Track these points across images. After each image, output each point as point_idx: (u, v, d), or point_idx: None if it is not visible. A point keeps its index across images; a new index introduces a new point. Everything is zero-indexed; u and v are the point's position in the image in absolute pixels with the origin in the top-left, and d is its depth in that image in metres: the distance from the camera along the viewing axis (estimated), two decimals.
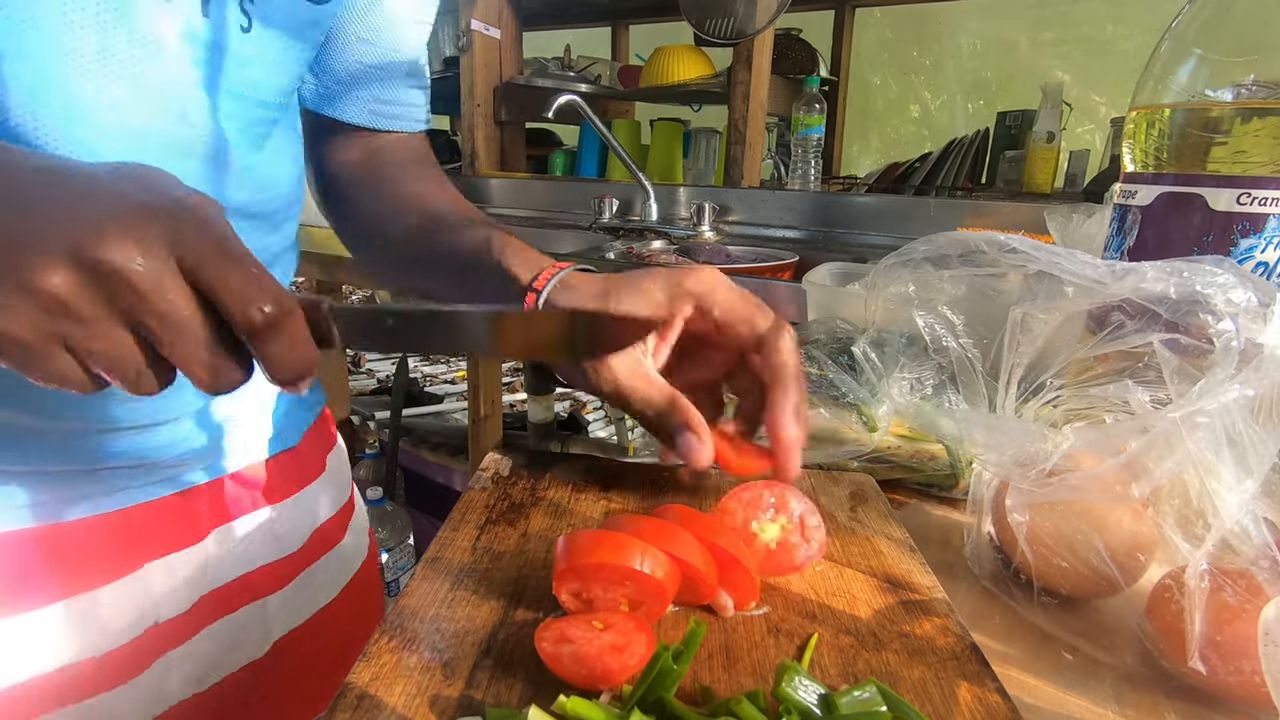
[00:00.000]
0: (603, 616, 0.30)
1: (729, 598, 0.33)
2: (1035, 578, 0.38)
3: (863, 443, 0.50)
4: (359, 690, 0.28)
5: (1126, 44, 2.31)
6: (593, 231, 1.67)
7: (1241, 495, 0.31)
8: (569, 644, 0.28)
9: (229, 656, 0.52)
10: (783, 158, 2.19)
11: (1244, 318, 0.35)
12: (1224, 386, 0.32)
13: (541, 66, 2.15)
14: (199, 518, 0.50)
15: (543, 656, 0.28)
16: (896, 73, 2.82)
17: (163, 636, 0.48)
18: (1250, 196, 0.44)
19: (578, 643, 0.28)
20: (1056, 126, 1.72)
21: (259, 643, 0.54)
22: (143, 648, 0.47)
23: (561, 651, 0.28)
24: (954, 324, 0.48)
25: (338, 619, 0.60)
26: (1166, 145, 0.47)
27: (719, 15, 1.58)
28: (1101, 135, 2.18)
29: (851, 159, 2.72)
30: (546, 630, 0.29)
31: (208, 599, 0.50)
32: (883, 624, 0.33)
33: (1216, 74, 0.45)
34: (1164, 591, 0.35)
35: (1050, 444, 0.36)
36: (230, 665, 0.52)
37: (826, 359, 0.53)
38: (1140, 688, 0.33)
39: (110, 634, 0.45)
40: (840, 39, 2.35)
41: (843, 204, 1.53)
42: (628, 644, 0.28)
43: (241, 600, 0.53)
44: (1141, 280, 0.38)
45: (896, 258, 0.52)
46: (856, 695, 0.27)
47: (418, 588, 0.34)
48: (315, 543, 0.59)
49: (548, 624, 0.29)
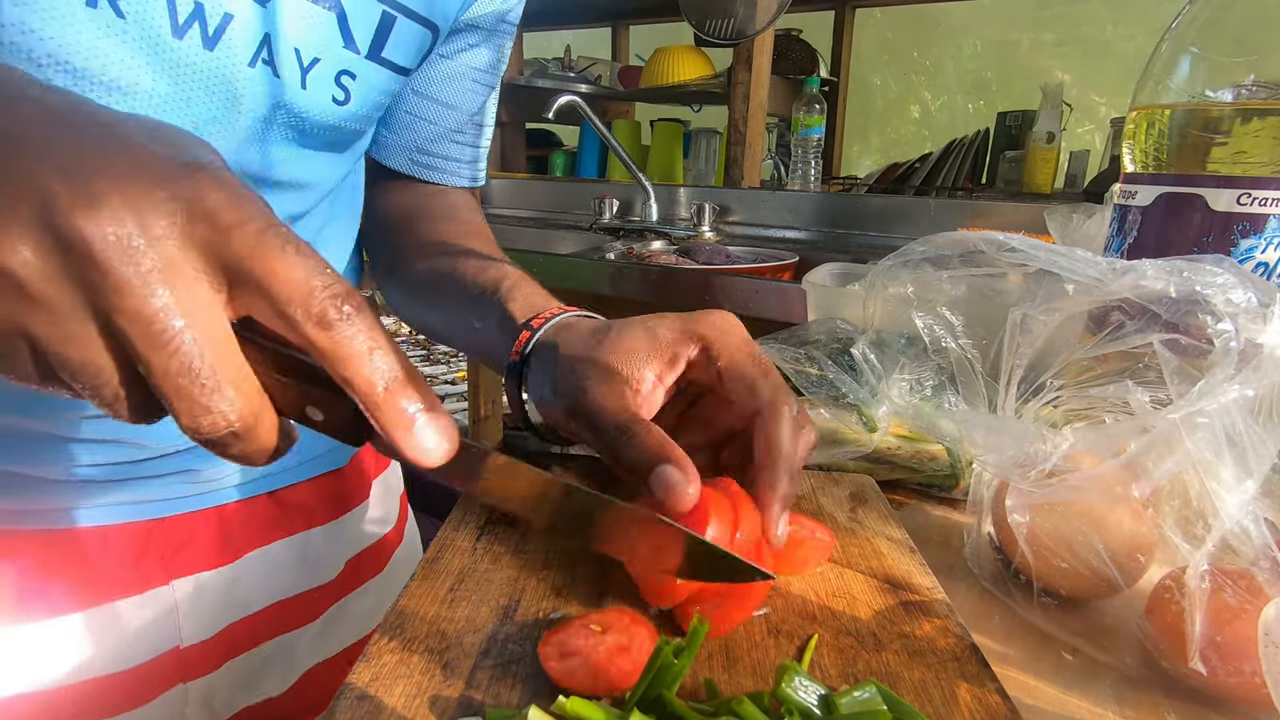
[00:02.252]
0: (597, 617, 0.30)
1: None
2: (1035, 578, 0.38)
3: (863, 443, 0.50)
4: (359, 690, 0.28)
5: (1126, 44, 2.31)
6: (593, 232, 1.67)
7: (1241, 496, 0.31)
8: (577, 656, 0.28)
9: (249, 692, 0.51)
10: (783, 158, 2.19)
11: (1244, 318, 0.35)
12: (1224, 387, 0.32)
13: (541, 67, 2.16)
14: (232, 537, 0.49)
15: (552, 675, 0.28)
16: (896, 73, 2.82)
17: (186, 663, 0.47)
18: (1250, 197, 0.44)
19: (585, 653, 0.28)
20: (1056, 127, 1.72)
21: (283, 678, 0.53)
22: (164, 670, 0.45)
23: (572, 666, 0.27)
24: (953, 325, 0.48)
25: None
26: (1166, 145, 0.47)
27: (719, 16, 1.58)
28: (1101, 135, 2.18)
29: (851, 159, 2.73)
30: (548, 646, 0.28)
31: (235, 628, 0.49)
32: (883, 625, 0.33)
33: (1216, 74, 0.45)
34: (1164, 592, 0.35)
35: (1050, 445, 0.36)
36: (250, 699, 0.51)
37: (826, 359, 0.53)
38: (1140, 688, 0.33)
39: (134, 649, 0.44)
40: (840, 39, 2.35)
41: (843, 204, 1.53)
42: (631, 641, 0.28)
43: (270, 633, 0.51)
44: (1141, 278, 0.38)
45: (895, 258, 0.52)
46: (856, 696, 0.27)
47: (418, 588, 0.34)
48: (350, 573, 0.57)
49: (546, 639, 0.29)
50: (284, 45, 0.40)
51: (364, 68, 0.44)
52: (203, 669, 0.47)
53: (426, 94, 0.55)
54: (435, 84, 0.55)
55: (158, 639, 0.45)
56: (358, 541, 0.58)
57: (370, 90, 0.45)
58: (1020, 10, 2.49)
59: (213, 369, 0.21)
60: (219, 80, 0.38)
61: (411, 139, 0.57)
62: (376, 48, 0.44)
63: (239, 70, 0.39)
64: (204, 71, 0.38)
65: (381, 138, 0.57)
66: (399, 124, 0.56)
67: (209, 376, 0.21)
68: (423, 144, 0.58)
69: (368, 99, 0.45)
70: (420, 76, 0.54)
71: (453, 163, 0.60)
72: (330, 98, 0.43)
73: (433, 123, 0.56)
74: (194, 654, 0.47)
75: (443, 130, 0.58)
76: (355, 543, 0.57)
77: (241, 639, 0.49)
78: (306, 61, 0.41)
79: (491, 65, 0.57)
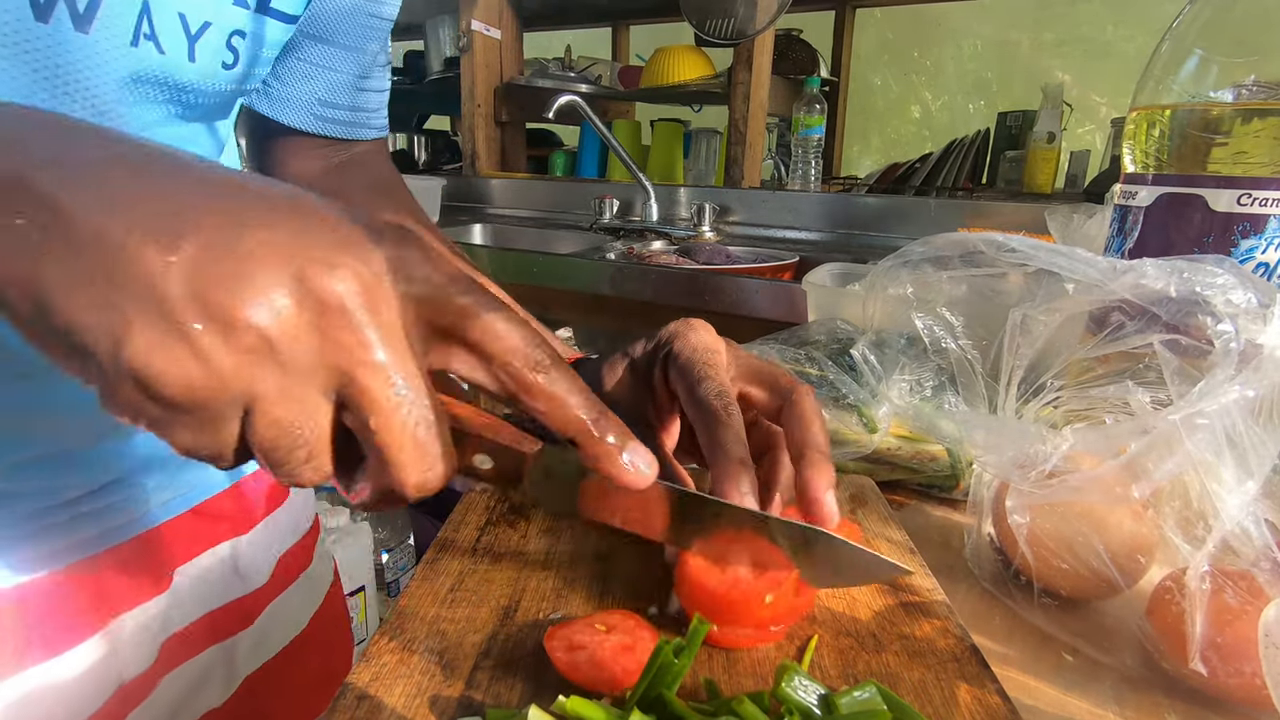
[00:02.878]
0: (601, 617, 0.30)
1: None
2: (1035, 579, 0.38)
3: (863, 444, 0.49)
4: (359, 690, 0.28)
5: (1127, 45, 2.31)
6: (593, 232, 1.67)
7: (1242, 496, 0.31)
8: (583, 650, 0.28)
9: (190, 705, 0.48)
10: (783, 158, 2.18)
11: (1244, 319, 0.35)
12: (1224, 388, 0.32)
13: (542, 67, 2.15)
14: (164, 560, 0.46)
15: (557, 665, 0.28)
16: (897, 73, 2.81)
17: (128, 695, 0.44)
18: (1250, 197, 0.44)
19: (591, 647, 0.28)
20: (1057, 127, 1.72)
21: (224, 687, 0.50)
22: (111, 711, 0.43)
23: (578, 659, 0.28)
24: (953, 325, 0.48)
25: (310, 648, 0.57)
26: (1167, 146, 0.47)
27: (719, 16, 1.58)
28: (1102, 136, 2.18)
29: (852, 159, 2.72)
30: (554, 640, 0.29)
31: (169, 643, 0.46)
32: (883, 625, 0.33)
33: (1217, 75, 0.45)
34: (1164, 593, 0.35)
35: (1050, 445, 0.36)
36: (193, 712, 0.48)
37: (826, 360, 0.53)
38: (1141, 689, 0.33)
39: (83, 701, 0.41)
40: (840, 39, 2.35)
41: (843, 204, 1.53)
42: (635, 643, 0.28)
43: (205, 643, 0.49)
44: (1141, 277, 0.38)
45: (895, 259, 0.52)
46: (856, 696, 0.27)
47: (418, 588, 0.34)
48: (281, 573, 0.55)
49: (551, 634, 0.29)
50: (166, 13, 0.35)
51: (254, 23, 0.40)
52: (142, 695, 0.45)
53: (323, 38, 0.50)
54: (329, 24, 0.49)
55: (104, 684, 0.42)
56: (284, 541, 0.56)
57: (259, 46, 0.42)
58: (1020, 10, 2.49)
59: (431, 427, 0.22)
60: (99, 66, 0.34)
61: (311, 90, 0.51)
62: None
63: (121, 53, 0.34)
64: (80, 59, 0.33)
65: (275, 92, 0.51)
66: (296, 74, 0.50)
67: (427, 434, 0.22)
68: (325, 95, 0.52)
69: (256, 56, 0.42)
70: (314, 20, 0.48)
71: (360, 113, 0.55)
72: (220, 64, 0.39)
73: (334, 69, 0.51)
74: (134, 685, 0.44)
75: (347, 78, 0.52)
76: (281, 543, 0.55)
77: (177, 653, 0.47)
78: (195, 28, 0.37)
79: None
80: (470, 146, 2.03)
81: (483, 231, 1.82)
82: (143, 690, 0.45)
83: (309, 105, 0.52)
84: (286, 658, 0.55)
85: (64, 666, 0.40)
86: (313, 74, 0.51)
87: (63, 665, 0.40)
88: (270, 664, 0.53)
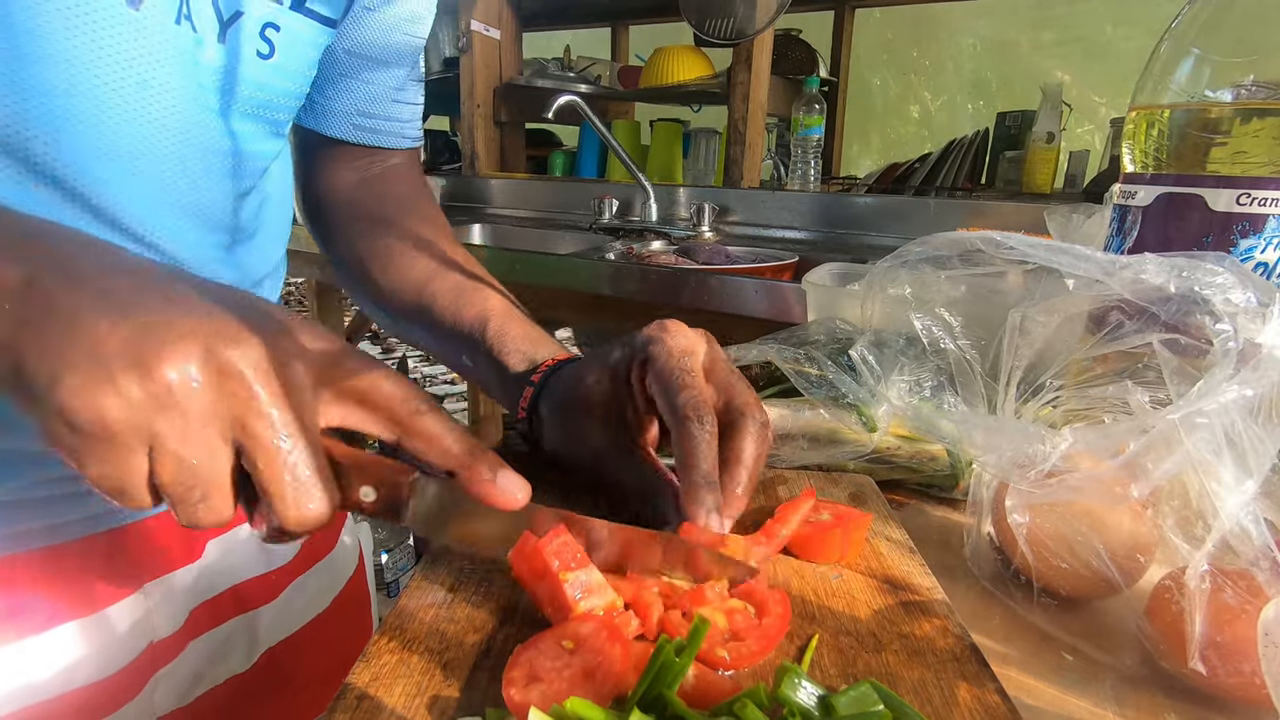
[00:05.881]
0: (574, 629, 0.29)
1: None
2: (1035, 579, 0.38)
3: (862, 443, 0.49)
4: (359, 690, 0.28)
5: (1126, 45, 2.31)
6: (593, 232, 1.67)
7: (1241, 496, 0.31)
8: (538, 684, 0.26)
9: (214, 669, 0.51)
10: (782, 158, 2.19)
11: (1243, 318, 0.35)
12: (1223, 387, 0.32)
13: (541, 67, 2.16)
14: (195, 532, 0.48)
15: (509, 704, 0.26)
16: (896, 73, 2.82)
17: (157, 654, 0.47)
18: (1250, 197, 0.44)
19: (548, 678, 0.27)
20: (1056, 127, 1.72)
21: (246, 655, 0.54)
22: (142, 667, 0.46)
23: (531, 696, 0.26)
24: (952, 325, 0.48)
25: (330, 627, 0.60)
26: (1166, 146, 0.47)
27: (719, 16, 1.58)
28: (1101, 136, 2.18)
29: (851, 159, 2.73)
30: (514, 670, 0.27)
31: (198, 611, 0.50)
32: (882, 625, 0.33)
33: (1216, 74, 0.45)
34: (1164, 592, 0.35)
35: (1049, 445, 0.36)
36: (216, 678, 0.52)
37: (826, 359, 0.53)
38: (1140, 689, 0.33)
39: (116, 655, 0.45)
40: (840, 39, 2.35)
41: (843, 204, 1.53)
42: (600, 664, 0.27)
43: (230, 612, 0.52)
44: (1140, 272, 0.38)
45: (894, 259, 0.52)
46: (855, 696, 0.27)
47: (418, 588, 0.34)
48: (307, 552, 0.58)
49: (514, 660, 0.28)
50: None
51: (288, 19, 0.43)
52: (170, 655, 0.48)
53: (361, 53, 0.54)
54: (368, 41, 0.54)
55: (137, 641, 0.46)
56: None
57: (296, 44, 0.45)
58: (1020, 10, 2.49)
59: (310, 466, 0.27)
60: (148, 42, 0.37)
61: (351, 102, 0.56)
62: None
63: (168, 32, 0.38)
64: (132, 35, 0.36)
65: (319, 105, 0.56)
66: (338, 89, 0.55)
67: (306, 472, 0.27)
68: (364, 106, 0.57)
69: (294, 54, 0.45)
70: (351, 35, 0.53)
71: (395, 123, 0.59)
72: (255, 51, 0.42)
73: (372, 84, 0.56)
74: (164, 645, 0.48)
75: (383, 90, 0.57)
76: None
77: (204, 620, 0.50)
78: (227, 15, 0.40)
79: (419, 15, 0.56)
80: (469, 146, 2.03)
81: (482, 232, 1.82)
82: (172, 651, 0.48)
83: (348, 116, 0.57)
84: (307, 635, 0.58)
85: (102, 621, 0.44)
86: (353, 88, 0.56)
87: (101, 620, 0.44)
88: (292, 638, 0.57)
